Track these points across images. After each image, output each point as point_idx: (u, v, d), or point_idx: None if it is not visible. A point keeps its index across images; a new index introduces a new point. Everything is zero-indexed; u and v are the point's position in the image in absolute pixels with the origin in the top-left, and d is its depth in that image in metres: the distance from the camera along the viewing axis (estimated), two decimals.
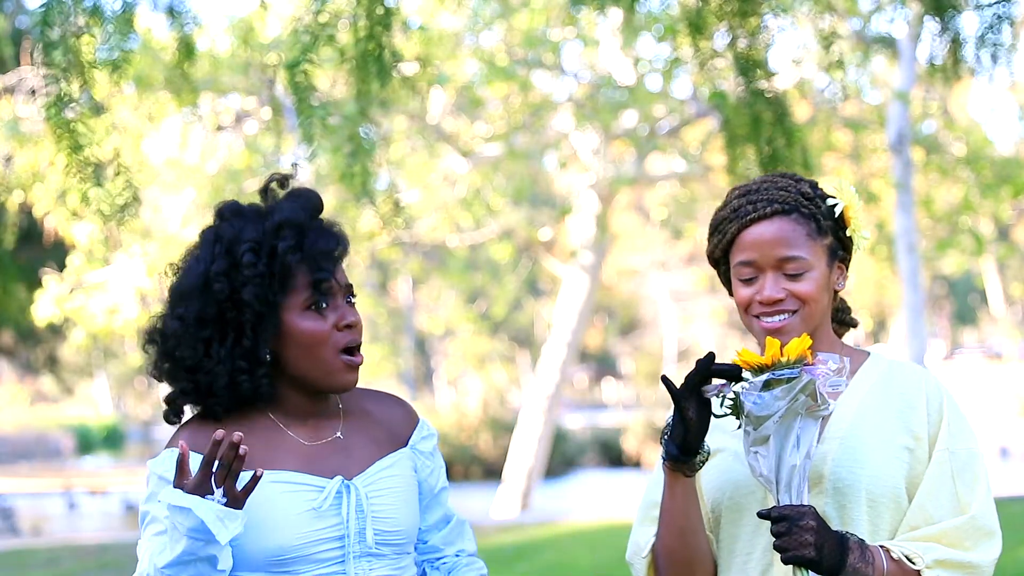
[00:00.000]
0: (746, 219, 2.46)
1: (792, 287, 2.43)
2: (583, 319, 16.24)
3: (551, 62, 15.12)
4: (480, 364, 37.99)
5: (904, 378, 2.49)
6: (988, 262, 33.25)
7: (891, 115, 13.91)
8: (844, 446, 2.40)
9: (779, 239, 2.43)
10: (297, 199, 2.46)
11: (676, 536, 2.42)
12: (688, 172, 15.96)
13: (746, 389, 2.27)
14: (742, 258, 2.46)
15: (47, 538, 15.23)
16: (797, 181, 2.51)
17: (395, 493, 2.44)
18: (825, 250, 2.47)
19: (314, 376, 2.42)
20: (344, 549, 2.38)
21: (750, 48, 5.37)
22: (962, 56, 5.24)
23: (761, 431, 2.26)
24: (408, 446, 2.53)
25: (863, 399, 2.46)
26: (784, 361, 2.27)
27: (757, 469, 2.29)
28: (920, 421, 2.42)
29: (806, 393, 2.25)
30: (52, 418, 40.51)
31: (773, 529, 2.26)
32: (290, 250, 2.38)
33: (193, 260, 2.43)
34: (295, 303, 2.40)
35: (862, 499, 2.37)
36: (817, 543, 2.24)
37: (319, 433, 2.45)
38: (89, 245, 13.76)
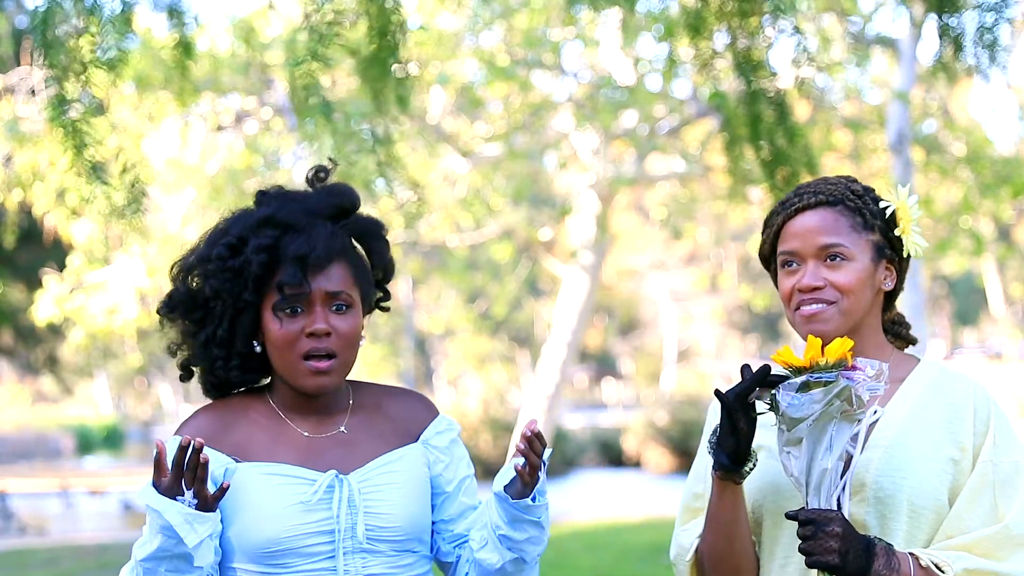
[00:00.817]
0: (791, 209, 2.48)
1: (832, 276, 2.43)
2: (583, 319, 16.22)
3: (551, 62, 15.12)
4: (480, 364, 37.99)
5: (953, 387, 2.46)
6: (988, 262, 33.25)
7: (891, 115, 13.91)
8: (888, 455, 2.38)
9: (821, 227, 2.44)
10: (298, 197, 2.46)
11: (725, 542, 2.42)
12: (688, 172, 15.95)
13: (783, 389, 2.27)
14: (786, 248, 2.48)
15: (47, 538, 15.23)
16: (849, 181, 2.53)
17: (395, 489, 2.43)
18: (870, 245, 2.46)
19: (285, 375, 2.44)
20: (334, 544, 2.37)
21: (750, 48, 5.36)
22: (962, 56, 5.24)
23: (795, 432, 2.26)
24: (419, 441, 2.52)
25: (910, 407, 2.44)
26: (823, 363, 2.25)
27: (788, 469, 2.30)
28: (967, 432, 2.41)
29: (842, 398, 2.24)
30: (52, 418, 40.51)
31: (799, 532, 2.26)
32: (260, 249, 2.38)
33: (195, 245, 2.51)
34: (268, 303, 2.41)
35: (903, 509, 2.36)
36: (842, 549, 2.23)
37: (323, 427, 2.46)
38: (89, 245, 13.75)
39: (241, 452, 2.40)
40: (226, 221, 2.48)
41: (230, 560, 2.38)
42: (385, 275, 2.58)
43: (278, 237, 2.38)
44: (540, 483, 2.44)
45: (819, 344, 2.27)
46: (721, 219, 21.18)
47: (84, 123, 4.90)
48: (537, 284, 35.76)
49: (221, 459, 2.39)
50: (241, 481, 2.37)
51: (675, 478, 23.27)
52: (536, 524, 2.45)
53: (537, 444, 2.38)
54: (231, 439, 2.41)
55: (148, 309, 14.27)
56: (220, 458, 2.39)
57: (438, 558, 2.59)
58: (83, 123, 4.89)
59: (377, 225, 2.57)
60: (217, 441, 2.40)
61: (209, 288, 2.38)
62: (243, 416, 2.43)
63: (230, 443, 2.41)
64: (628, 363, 49.02)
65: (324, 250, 2.40)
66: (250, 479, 2.37)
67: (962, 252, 17.33)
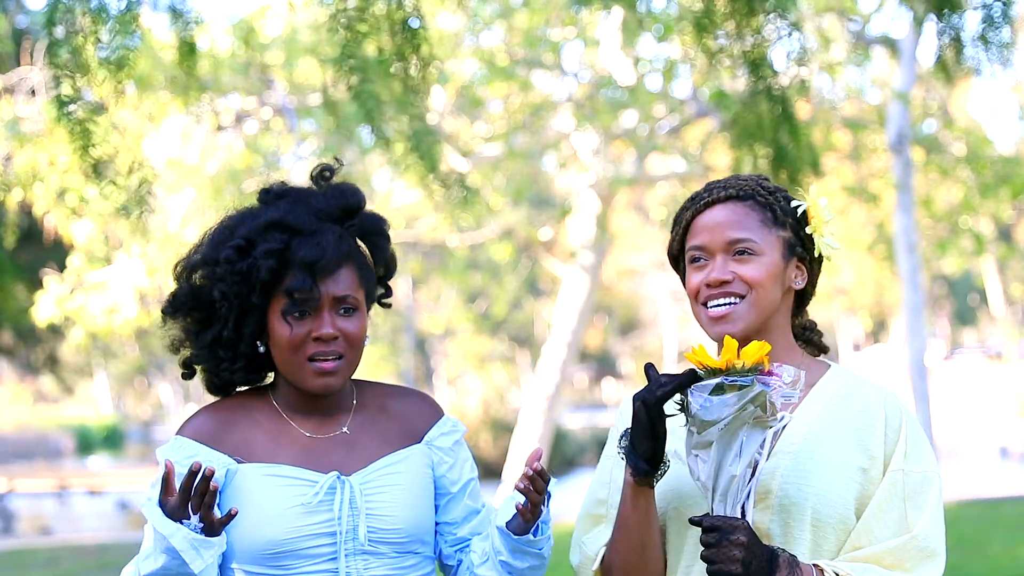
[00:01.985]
0: (700, 204, 2.43)
1: (740, 270, 2.38)
2: (583, 319, 16.22)
3: (551, 62, 15.12)
4: (480, 364, 37.99)
5: (864, 395, 2.41)
6: (988, 262, 33.25)
7: (891, 115, 13.91)
8: (795, 462, 2.33)
9: (730, 221, 2.39)
10: (307, 198, 2.45)
11: (636, 549, 2.35)
12: (688, 172, 15.95)
13: (695, 390, 2.20)
14: (694, 242, 2.43)
15: (47, 538, 15.23)
16: (761, 179, 2.48)
17: (398, 490, 2.42)
18: (780, 242, 2.41)
19: (291, 377, 2.43)
20: (336, 546, 2.36)
21: (755, 46, 5.35)
22: (962, 56, 5.24)
23: (705, 436, 2.19)
24: (423, 442, 2.51)
25: (819, 414, 2.38)
26: (739, 367, 2.18)
27: (695, 473, 2.23)
28: (877, 440, 2.35)
29: (756, 404, 2.17)
30: (52, 418, 40.51)
31: (702, 539, 2.21)
32: (270, 254, 2.37)
33: (199, 244, 2.48)
34: (276, 306, 2.39)
35: (807, 518, 2.30)
36: (745, 559, 2.17)
37: (325, 427, 2.44)
38: (89, 245, 13.76)
39: (242, 452, 2.39)
40: (231, 220, 2.44)
41: (231, 561, 2.37)
42: (387, 271, 2.58)
43: (287, 241, 2.36)
44: (543, 515, 2.42)
45: (735, 346, 2.19)
46: None
47: (90, 122, 4.91)
48: (537, 284, 35.77)
49: (222, 459, 2.38)
50: (242, 482, 2.36)
51: None
52: (538, 555, 2.45)
53: (539, 482, 2.36)
54: (232, 439, 2.40)
55: (148, 309, 14.27)
56: (221, 459, 2.38)
57: (440, 560, 2.58)
58: (89, 122, 4.89)
59: (380, 222, 2.56)
60: (218, 441, 2.39)
61: (217, 291, 2.37)
62: (245, 416, 2.41)
63: (231, 443, 2.40)
64: (628, 363, 49.02)
65: (333, 255, 2.39)
66: (251, 480, 2.36)
67: (962, 252, 17.33)
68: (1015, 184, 15.15)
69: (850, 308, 39.35)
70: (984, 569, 9.05)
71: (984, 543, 10.03)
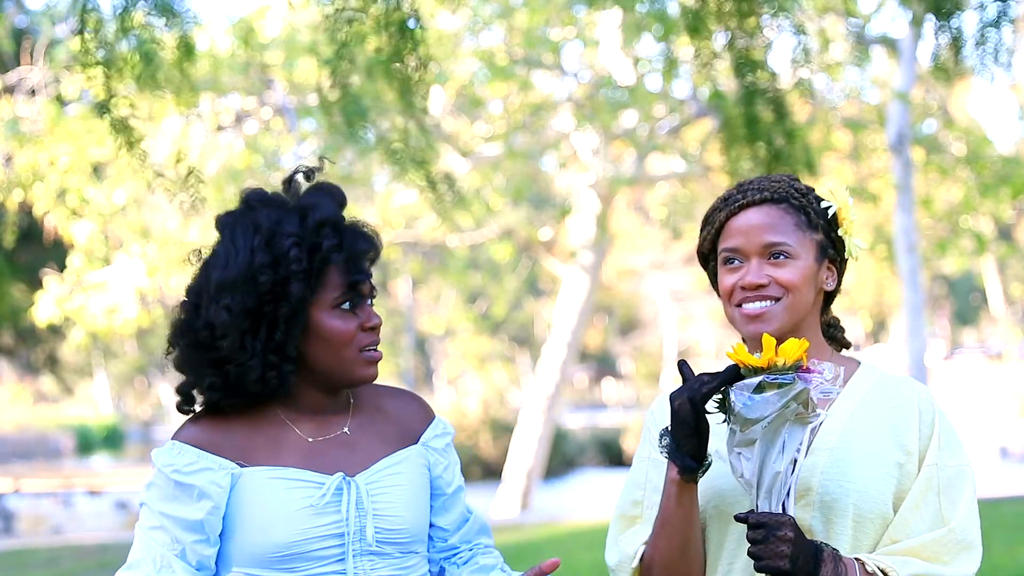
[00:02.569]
0: (735, 206, 2.44)
1: (776, 273, 2.39)
2: (583, 319, 16.23)
3: (551, 62, 15.12)
4: (480, 364, 38.00)
5: (897, 391, 2.44)
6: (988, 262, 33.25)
7: (891, 115, 13.91)
8: (834, 459, 2.36)
9: (765, 225, 2.41)
10: (329, 195, 2.44)
11: (679, 547, 2.37)
12: (688, 172, 15.96)
13: (737, 389, 2.22)
14: (728, 244, 2.44)
15: (47, 538, 15.23)
16: (792, 179, 2.49)
17: (400, 491, 2.42)
18: (814, 244, 2.43)
19: (337, 372, 2.42)
20: (344, 547, 2.36)
21: (749, 48, 5.36)
22: (962, 56, 5.24)
23: (748, 434, 2.21)
24: (420, 443, 2.51)
25: (854, 411, 2.41)
26: (780, 364, 2.21)
27: (739, 470, 2.25)
28: (912, 435, 2.38)
29: (799, 401, 2.20)
30: (52, 418, 40.50)
31: (749, 535, 2.23)
32: (334, 249, 2.37)
33: (231, 248, 2.38)
34: (325, 301, 2.38)
35: (849, 514, 2.33)
36: (792, 554, 2.20)
37: (325, 429, 2.44)
38: (89, 245, 13.76)
39: (245, 456, 2.37)
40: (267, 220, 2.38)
41: (235, 565, 2.36)
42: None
43: (340, 236, 2.39)
44: None
45: (775, 344, 2.21)
46: None
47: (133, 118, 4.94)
48: (537, 284, 35.78)
49: (225, 464, 2.36)
50: (247, 486, 2.35)
51: None
52: None
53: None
54: (233, 444, 2.38)
55: (148, 309, 14.28)
56: (224, 463, 2.36)
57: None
58: (132, 118, 4.92)
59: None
60: (219, 446, 2.37)
61: (293, 289, 2.34)
62: (243, 420, 2.39)
63: (232, 448, 2.38)
64: (628, 363, 49.03)
65: (378, 247, 2.45)
66: (257, 484, 2.34)
67: (962, 252, 17.35)
68: (1015, 184, 15.16)
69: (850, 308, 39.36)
70: (984, 569, 9.02)
71: (984, 543, 10.01)
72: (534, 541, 11.18)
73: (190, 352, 2.38)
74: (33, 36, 16.04)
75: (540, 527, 12.89)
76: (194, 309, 2.38)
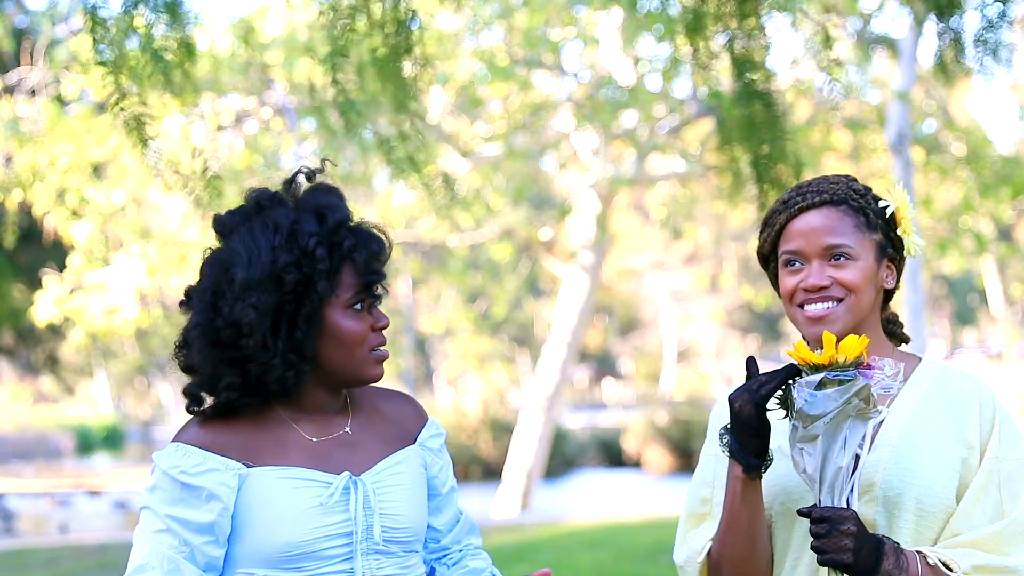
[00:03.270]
0: (795, 208, 2.47)
1: (838, 275, 2.42)
2: (583, 319, 16.23)
3: (551, 62, 15.12)
4: (480, 364, 38.00)
5: (957, 386, 2.47)
6: (988, 262, 33.25)
7: (891, 115, 13.91)
8: (896, 454, 2.39)
9: (826, 227, 2.44)
10: (338, 197, 2.46)
11: (746, 544, 2.41)
12: (688, 172, 15.96)
13: (799, 386, 2.25)
14: (789, 247, 2.47)
15: (47, 538, 15.23)
16: (849, 179, 2.53)
17: (403, 490, 2.44)
18: (873, 245, 2.46)
19: (348, 371, 2.43)
20: (352, 546, 2.37)
21: (747, 49, 5.35)
22: (962, 56, 5.24)
23: (810, 430, 2.25)
24: (417, 443, 2.53)
25: (915, 407, 2.44)
26: (841, 361, 2.25)
27: (801, 465, 2.29)
28: (973, 429, 2.41)
29: (860, 396, 2.23)
30: (52, 418, 40.49)
31: (812, 529, 2.26)
32: (353, 249, 2.39)
33: (252, 246, 2.37)
34: (340, 301, 2.40)
35: (911, 509, 2.36)
36: (855, 548, 2.24)
37: (327, 429, 2.45)
38: (89, 245, 13.76)
39: (250, 457, 2.37)
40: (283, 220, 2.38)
41: (241, 566, 2.36)
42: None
43: (357, 237, 2.41)
44: None
45: (835, 341, 2.27)
46: (721, 219, 21.18)
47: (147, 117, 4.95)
48: (537, 284, 35.77)
49: (232, 465, 2.36)
50: (255, 486, 2.35)
51: (675, 478, 23.26)
52: None
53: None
54: (237, 444, 2.38)
55: (148, 309, 14.28)
56: (231, 464, 2.36)
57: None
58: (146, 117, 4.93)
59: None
60: (224, 447, 2.37)
61: (320, 288, 2.35)
62: (246, 421, 2.39)
63: (237, 448, 2.37)
64: (628, 363, 49.02)
65: (390, 248, 2.48)
66: (265, 483, 2.35)
67: (962, 252, 17.34)
68: (1015, 184, 15.15)
69: None
70: None
71: None
72: (534, 541, 11.17)
73: (209, 351, 2.36)
74: (33, 36, 16.05)
75: (540, 527, 12.89)
76: (212, 309, 2.36)
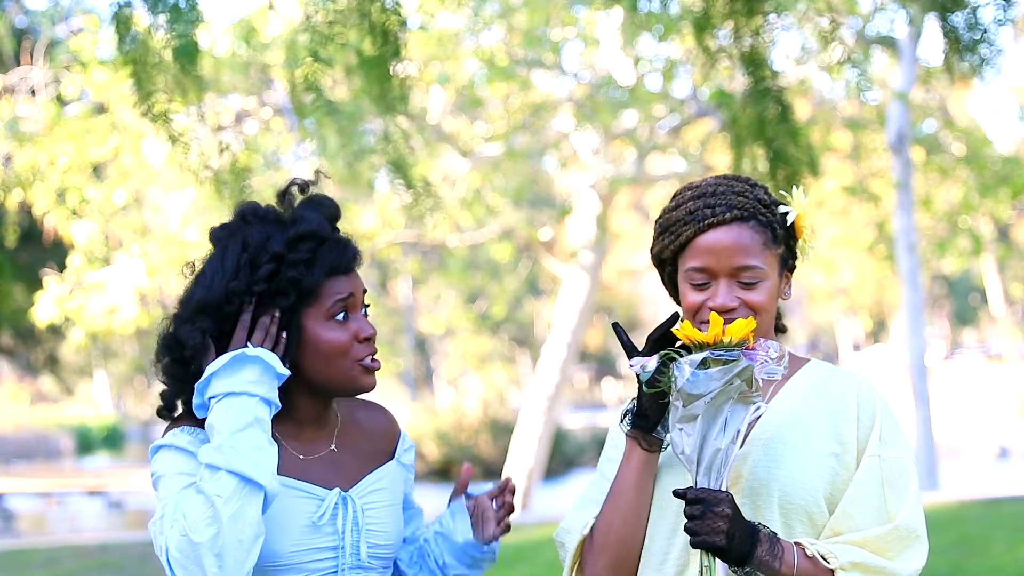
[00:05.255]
0: (703, 223, 2.40)
1: (746, 296, 2.38)
2: (583, 319, 16.23)
3: (551, 62, 15.12)
4: (480, 364, 38.02)
5: (838, 384, 2.43)
6: (988, 262, 33.26)
7: (891, 115, 13.92)
8: (766, 448, 2.36)
9: (737, 247, 2.38)
10: (319, 208, 2.45)
11: (633, 517, 2.39)
12: (688, 172, 15.95)
13: (681, 364, 2.22)
14: (696, 264, 2.40)
15: (47, 538, 15.23)
16: (752, 187, 2.46)
17: (385, 507, 2.47)
18: (778, 260, 2.42)
19: (332, 382, 2.42)
20: (337, 561, 2.39)
21: (754, 47, 5.35)
22: (962, 56, 5.24)
23: (691, 409, 2.21)
24: (395, 459, 2.55)
25: (793, 404, 2.41)
26: (726, 342, 2.22)
27: (679, 447, 2.25)
28: (849, 426, 2.37)
29: (743, 378, 2.20)
30: (52, 418, 40.48)
31: (686, 511, 2.23)
32: (308, 262, 2.37)
33: (218, 268, 2.39)
34: (318, 312, 2.39)
35: (774, 501, 2.33)
36: (729, 531, 2.20)
37: (314, 446, 2.46)
38: (89, 245, 13.76)
39: None
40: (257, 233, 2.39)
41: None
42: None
43: (319, 249, 2.39)
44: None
45: (722, 322, 2.22)
46: None
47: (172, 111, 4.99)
48: (537, 284, 35.79)
49: None
50: None
51: None
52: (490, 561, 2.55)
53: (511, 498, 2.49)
54: None
55: (148, 309, 14.27)
56: None
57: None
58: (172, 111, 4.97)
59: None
60: None
61: (283, 302, 2.34)
62: None
63: None
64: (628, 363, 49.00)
65: (354, 255, 2.45)
66: None
67: (962, 252, 17.35)
68: (1015, 184, 15.16)
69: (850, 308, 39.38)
70: (984, 569, 9.05)
71: (985, 543, 10.03)
72: (534, 541, 11.16)
73: (170, 365, 2.40)
74: (33, 36, 16.05)
75: (540, 527, 12.88)
76: (177, 326, 2.40)
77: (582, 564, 2.45)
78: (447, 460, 23.62)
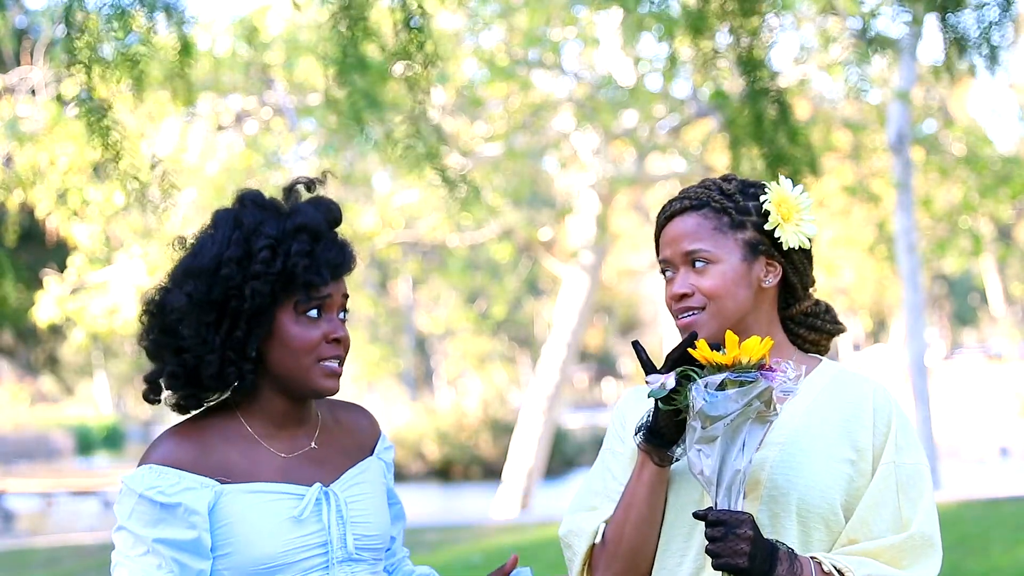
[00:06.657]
0: (661, 218, 2.47)
1: (698, 282, 2.40)
2: (583, 319, 16.23)
3: (551, 62, 15.12)
4: (480, 364, 38.01)
5: (852, 388, 2.43)
6: (988, 262, 33.27)
7: (891, 115, 13.92)
8: (783, 453, 2.35)
9: (684, 233, 2.42)
10: (319, 206, 2.46)
11: (647, 529, 2.39)
12: (688, 172, 15.96)
13: (700, 386, 2.21)
14: (661, 256, 2.47)
15: (47, 538, 15.23)
16: (727, 181, 2.48)
17: (369, 499, 2.48)
18: (740, 244, 2.41)
19: (295, 379, 2.43)
20: (327, 556, 2.40)
21: (752, 47, 5.36)
22: (962, 56, 5.24)
23: (710, 431, 2.20)
24: (375, 455, 2.57)
25: (808, 406, 2.41)
26: (744, 363, 2.20)
27: (698, 467, 2.24)
28: (865, 433, 2.37)
29: (761, 399, 2.19)
30: (52, 418, 40.49)
31: (708, 533, 2.22)
32: (302, 254, 2.38)
33: (208, 239, 2.41)
34: (290, 306, 2.40)
35: (793, 508, 2.32)
36: (751, 552, 2.19)
37: (294, 444, 2.47)
38: (90, 245, 13.76)
39: (223, 473, 2.40)
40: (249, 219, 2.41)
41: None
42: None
43: (313, 243, 2.40)
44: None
45: (737, 342, 2.21)
46: None
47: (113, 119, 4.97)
48: (537, 284, 35.79)
49: (207, 482, 2.38)
50: (229, 502, 2.38)
51: None
52: None
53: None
54: (211, 461, 2.40)
55: None
56: (205, 481, 2.38)
57: None
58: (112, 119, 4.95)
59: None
60: (198, 465, 2.39)
61: (249, 288, 2.36)
62: (218, 437, 2.41)
63: (210, 465, 2.39)
64: (628, 363, 49.03)
65: (350, 261, 2.46)
66: (239, 499, 2.38)
67: (962, 252, 17.35)
68: (1015, 184, 15.16)
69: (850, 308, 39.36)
70: (984, 569, 9.05)
71: (984, 543, 10.03)
72: (534, 541, 11.17)
73: (159, 337, 2.40)
74: (33, 36, 16.05)
75: (540, 527, 12.88)
76: (163, 292, 2.42)
77: (591, 567, 2.45)
78: (447, 460, 23.64)
